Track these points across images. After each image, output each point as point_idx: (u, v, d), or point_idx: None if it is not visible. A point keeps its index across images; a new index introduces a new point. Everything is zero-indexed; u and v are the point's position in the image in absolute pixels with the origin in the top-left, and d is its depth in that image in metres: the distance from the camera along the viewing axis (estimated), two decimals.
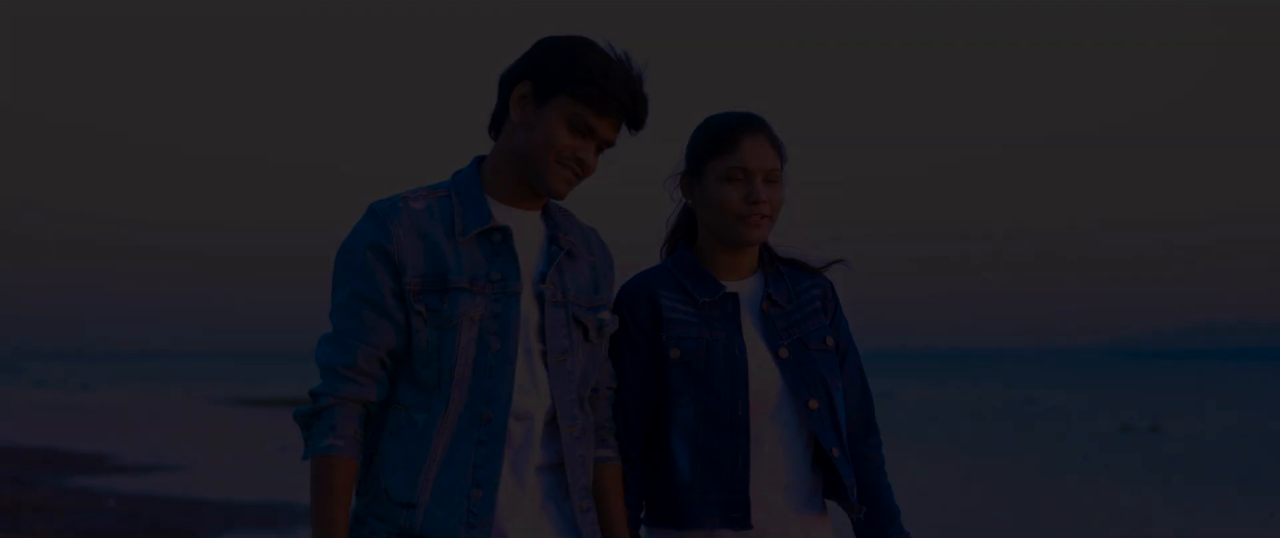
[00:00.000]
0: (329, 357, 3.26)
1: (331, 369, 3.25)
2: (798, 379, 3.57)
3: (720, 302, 3.60)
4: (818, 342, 3.64)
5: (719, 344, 3.56)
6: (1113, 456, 30.18)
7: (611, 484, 3.47)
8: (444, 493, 3.23)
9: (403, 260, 3.25)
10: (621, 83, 3.29)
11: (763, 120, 3.62)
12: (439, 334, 3.24)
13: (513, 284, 3.29)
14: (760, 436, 3.56)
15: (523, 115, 3.32)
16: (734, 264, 3.65)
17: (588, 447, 3.39)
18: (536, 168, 3.31)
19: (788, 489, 3.58)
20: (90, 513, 17.73)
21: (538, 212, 3.41)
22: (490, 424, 3.25)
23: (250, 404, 56.26)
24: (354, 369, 3.25)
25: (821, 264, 3.75)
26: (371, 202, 3.34)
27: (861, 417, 3.73)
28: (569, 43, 3.33)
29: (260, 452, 29.47)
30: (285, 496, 20.24)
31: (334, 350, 3.26)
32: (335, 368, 3.25)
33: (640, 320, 3.57)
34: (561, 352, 3.33)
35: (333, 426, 3.23)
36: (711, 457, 3.53)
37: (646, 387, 3.57)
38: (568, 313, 3.35)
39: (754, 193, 3.55)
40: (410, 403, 3.28)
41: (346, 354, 3.25)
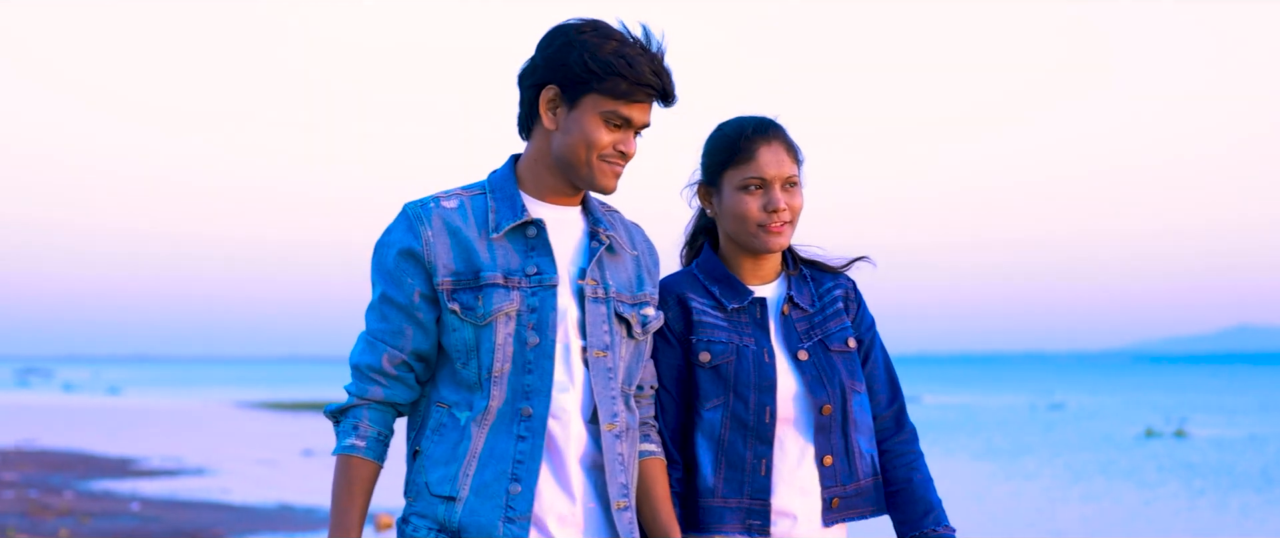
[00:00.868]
0: (359, 357, 3.28)
1: (359, 369, 3.28)
2: (816, 382, 3.54)
3: (748, 307, 3.58)
4: (839, 343, 3.60)
5: (749, 350, 3.53)
6: (1137, 460, 30.07)
7: (657, 478, 3.44)
8: (483, 488, 3.22)
9: (433, 262, 3.24)
10: (647, 66, 3.24)
11: (777, 125, 3.59)
12: (475, 332, 3.23)
13: (549, 278, 3.26)
14: (784, 443, 3.53)
15: (555, 120, 3.28)
16: (758, 269, 3.62)
17: (630, 445, 3.35)
18: (582, 171, 3.28)
19: (810, 498, 3.54)
20: (114, 517, 17.78)
21: (577, 207, 3.37)
22: (530, 420, 3.23)
23: (274, 408, 56.38)
24: (379, 372, 3.26)
25: (843, 264, 3.71)
26: (406, 203, 3.33)
27: (893, 414, 3.67)
28: (583, 34, 3.26)
29: (283, 455, 29.53)
30: (308, 499, 20.29)
31: (363, 351, 3.28)
32: (362, 369, 3.27)
33: (672, 324, 3.54)
34: (602, 348, 3.29)
35: (355, 426, 3.26)
36: (735, 463, 3.51)
37: (682, 387, 3.55)
38: (609, 309, 3.32)
39: (773, 202, 3.52)
40: (453, 402, 3.28)
41: (373, 356, 3.26)
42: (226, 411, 55.02)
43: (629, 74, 3.22)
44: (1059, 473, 26.93)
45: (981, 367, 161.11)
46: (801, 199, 3.57)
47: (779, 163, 3.53)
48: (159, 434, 37.85)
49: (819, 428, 3.54)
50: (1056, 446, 34.56)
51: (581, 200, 3.38)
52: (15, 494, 20.38)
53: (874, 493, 3.59)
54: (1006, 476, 26.26)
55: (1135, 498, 22.60)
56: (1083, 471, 27.43)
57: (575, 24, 3.28)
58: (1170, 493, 23.45)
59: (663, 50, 3.28)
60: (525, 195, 3.33)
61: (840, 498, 3.55)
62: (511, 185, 3.32)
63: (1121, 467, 28.37)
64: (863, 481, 3.57)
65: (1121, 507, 21.38)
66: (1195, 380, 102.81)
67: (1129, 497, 22.78)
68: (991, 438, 37.35)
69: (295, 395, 67.93)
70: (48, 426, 41.55)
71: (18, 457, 28.63)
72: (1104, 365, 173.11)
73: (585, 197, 3.38)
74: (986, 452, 32.20)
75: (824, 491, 3.54)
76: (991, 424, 44.01)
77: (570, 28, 3.28)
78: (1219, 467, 28.47)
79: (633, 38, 3.26)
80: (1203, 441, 36.72)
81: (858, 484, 3.57)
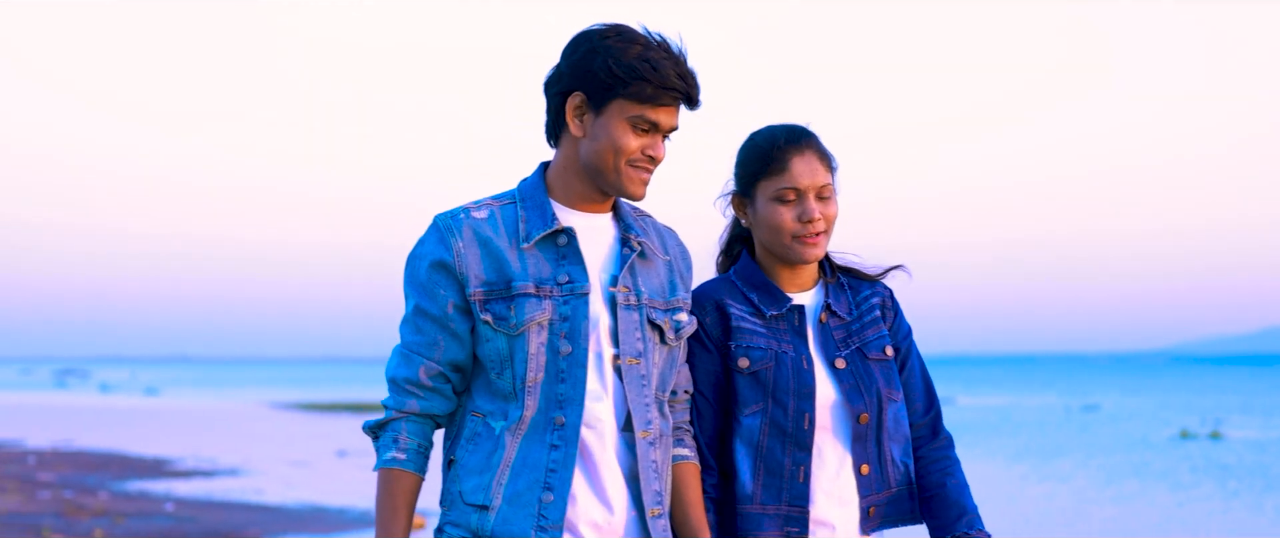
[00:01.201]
0: (396, 370, 3.29)
1: (396, 383, 3.29)
2: (853, 391, 3.54)
3: (787, 315, 3.57)
4: (877, 351, 3.60)
5: (787, 357, 3.52)
6: (1171, 461, 29.93)
7: (689, 483, 3.43)
8: (516, 497, 3.23)
9: (465, 273, 3.25)
10: (671, 69, 3.24)
11: (810, 134, 3.57)
12: (509, 342, 3.24)
13: (581, 286, 3.26)
14: (823, 451, 3.52)
15: (582, 127, 3.28)
16: (796, 277, 3.61)
17: (663, 451, 3.35)
18: (610, 177, 3.28)
19: (848, 508, 3.53)
20: (148, 517, 17.89)
21: (608, 213, 3.37)
22: (563, 429, 3.23)
23: (308, 408, 56.55)
24: (416, 384, 3.27)
25: (879, 271, 3.71)
26: (436, 214, 3.33)
27: (929, 421, 3.67)
28: (606, 40, 3.25)
29: (317, 456, 29.63)
30: (341, 500, 20.36)
31: (400, 364, 3.29)
32: (399, 382, 3.28)
33: (711, 330, 3.54)
34: (634, 355, 3.29)
35: (396, 439, 3.28)
36: (774, 469, 3.50)
37: (719, 394, 3.54)
38: (641, 315, 3.31)
39: (808, 212, 3.51)
40: (488, 411, 3.28)
41: (410, 368, 3.27)
42: (261, 411, 55.24)
43: (654, 78, 3.22)
44: (1093, 475, 26.83)
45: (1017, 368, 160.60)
46: (836, 208, 3.56)
47: (812, 173, 3.52)
48: (194, 435, 38.03)
49: (857, 437, 3.53)
50: (1090, 447, 34.43)
51: (612, 206, 3.38)
52: (51, 495, 20.53)
53: (909, 502, 3.59)
54: (1040, 477, 26.18)
55: (1169, 500, 22.51)
56: (1116, 472, 27.32)
57: (599, 30, 3.28)
58: (1204, 495, 23.34)
59: (685, 53, 3.28)
60: (555, 203, 3.32)
61: (876, 507, 3.55)
62: (541, 194, 3.32)
63: (1155, 469, 28.25)
64: (896, 490, 3.57)
65: (1155, 509, 21.30)
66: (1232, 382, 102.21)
67: (1162, 499, 22.69)
68: (1026, 440, 37.22)
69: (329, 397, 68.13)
70: (84, 426, 41.80)
71: (54, 458, 28.83)
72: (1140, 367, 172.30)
73: (616, 202, 3.38)
74: (1021, 453, 32.10)
75: (862, 500, 3.54)
76: (1026, 426, 43.86)
77: (594, 34, 3.27)
78: (1254, 469, 28.32)
79: (657, 42, 3.26)
80: (1238, 442, 36.51)
81: (890, 492, 3.57)
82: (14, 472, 24.94)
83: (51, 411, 54.24)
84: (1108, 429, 42.04)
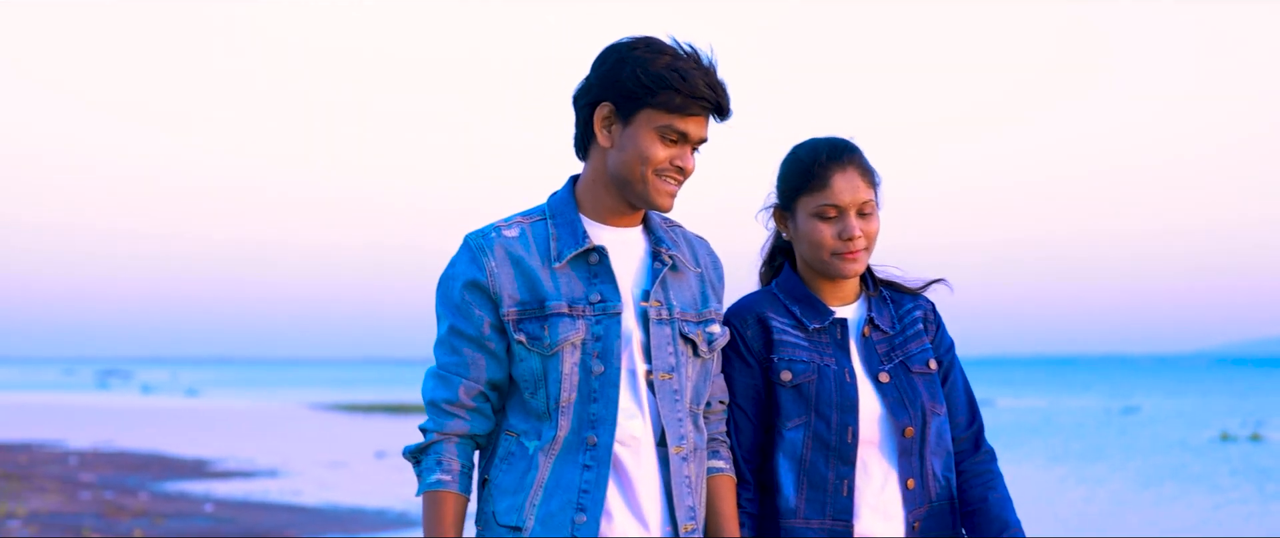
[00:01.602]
0: (433, 392, 3.28)
1: (435, 405, 3.27)
2: (897, 405, 3.52)
3: (829, 328, 3.56)
4: (920, 365, 3.58)
5: (830, 370, 3.51)
6: (1210, 464, 29.78)
7: (724, 496, 3.41)
8: (549, 518, 3.21)
9: (499, 293, 3.24)
10: (700, 79, 3.22)
11: (852, 149, 3.55)
12: (542, 362, 3.23)
13: (613, 305, 3.25)
14: (867, 466, 3.50)
15: (610, 137, 3.26)
16: (838, 290, 3.60)
17: (698, 466, 3.33)
18: (638, 188, 3.26)
19: (893, 522, 3.51)
20: (187, 518, 17.99)
21: (638, 227, 3.36)
22: (596, 449, 3.22)
23: (347, 410, 56.72)
24: (456, 404, 3.26)
25: (920, 285, 3.70)
26: (466, 233, 3.32)
27: (971, 435, 3.64)
28: (635, 50, 3.24)
29: (356, 457, 29.72)
30: (379, 501, 20.43)
31: (437, 386, 3.27)
32: (439, 404, 3.27)
33: (752, 343, 3.52)
34: (667, 371, 3.27)
35: (440, 461, 3.25)
36: (818, 483, 3.48)
37: (759, 408, 3.52)
38: (674, 330, 3.30)
39: (848, 229, 3.49)
40: (521, 430, 3.27)
41: (449, 389, 3.26)
42: (301, 412, 55.41)
43: (682, 87, 3.21)
44: (1131, 477, 26.72)
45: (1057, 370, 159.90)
46: (878, 223, 3.54)
47: (853, 189, 3.50)
48: (234, 436, 38.20)
49: (902, 451, 3.51)
50: (1129, 450, 34.27)
51: (642, 219, 3.36)
52: (92, 495, 20.66)
53: (950, 516, 3.57)
54: (1078, 480, 26.09)
55: (1207, 502, 22.39)
56: (1155, 475, 27.20)
57: (627, 41, 3.27)
58: (1242, 497, 23.21)
59: (715, 65, 3.26)
60: (585, 219, 3.31)
61: (920, 522, 3.53)
62: (571, 209, 3.31)
63: (1194, 471, 28.10)
64: (938, 503, 3.55)
65: (1193, 511, 21.20)
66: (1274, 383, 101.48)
67: (1201, 501, 22.58)
68: (1064, 442, 37.07)
69: (368, 398, 68.30)
70: (126, 427, 42.04)
71: (95, 458, 29.02)
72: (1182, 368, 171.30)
73: (646, 215, 3.37)
74: (1059, 456, 31.98)
75: (907, 514, 3.52)
76: (1065, 428, 43.68)
77: (623, 45, 3.26)
78: None
79: (685, 52, 3.25)
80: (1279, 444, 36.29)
81: (932, 506, 3.55)
82: (55, 472, 25.12)
83: (93, 411, 54.57)
84: (1147, 431, 41.83)
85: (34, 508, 18.44)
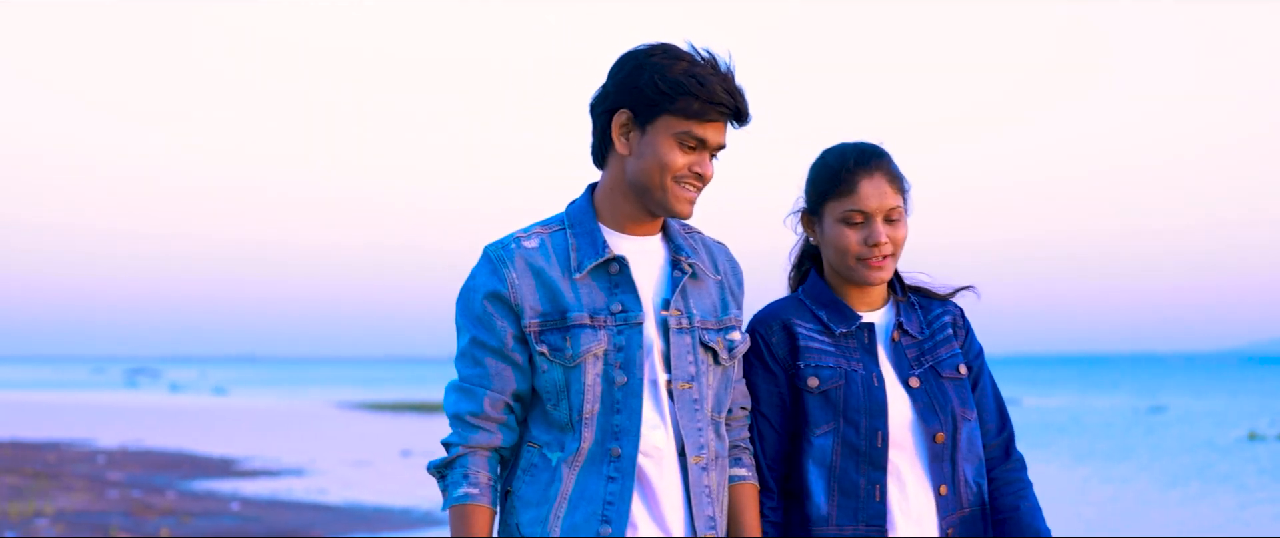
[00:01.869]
0: (457, 405, 3.26)
1: (460, 418, 3.25)
2: (928, 410, 3.51)
3: (856, 332, 3.55)
4: (950, 370, 3.57)
5: (857, 375, 3.50)
6: (1237, 464, 29.67)
7: (746, 504, 3.40)
8: (574, 529, 3.20)
9: (521, 304, 3.23)
10: (718, 85, 3.21)
11: (881, 154, 3.54)
12: (565, 373, 3.22)
13: (635, 315, 3.24)
14: (898, 472, 3.48)
15: (629, 145, 3.25)
16: (865, 295, 3.59)
17: (719, 474, 3.32)
18: (656, 195, 3.25)
19: (927, 529, 3.50)
20: (214, 517, 18.06)
21: (657, 235, 3.34)
22: (620, 460, 3.21)
23: (373, 408, 56.86)
24: (482, 416, 3.24)
25: (948, 291, 3.69)
26: (485, 244, 3.31)
27: (1002, 442, 3.63)
28: (652, 57, 3.23)
29: (381, 456, 29.80)
30: (405, 500, 20.49)
31: (461, 399, 3.26)
32: (464, 417, 3.25)
33: (776, 348, 3.52)
34: (686, 380, 3.26)
35: (466, 474, 3.23)
36: (849, 490, 3.46)
37: (784, 416, 3.51)
38: (694, 339, 3.29)
39: (874, 236, 3.48)
40: (544, 442, 3.26)
41: (474, 402, 3.24)
42: (327, 411, 55.58)
43: (701, 93, 3.19)
44: (1156, 477, 26.65)
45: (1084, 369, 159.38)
46: (906, 230, 3.53)
47: (881, 195, 3.49)
48: (261, 435, 38.32)
49: (933, 456, 3.50)
50: (1156, 449, 34.16)
51: (661, 226, 3.36)
52: (119, 494, 20.77)
53: (981, 523, 3.56)
54: (1103, 479, 26.03)
55: (1232, 502, 22.33)
56: (1181, 474, 27.12)
57: (644, 48, 3.25)
58: (1270, 497, 23.12)
59: (732, 70, 3.25)
60: (604, 228, 3.30)
61: (953, 528, 3.52)
62: (590, 219, 3.30)
63: (1220, 471, 28.00)
64: (970, 510, 3.54)
65: (1218, 511, 21.14)
66: None
67: (1226, 501, 22.51)
68: (1091, 441, 36.98)
69: (394, 396, 68.45)
70: (154, 426, 42.22)
71: (123, 457, 29.17)
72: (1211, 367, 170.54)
73: (665, 222, 3.36)
74: (1085, 455, 31.91)
75: (940, 521, 3.51)
76: (1092, 427, 43.57)
77: (640, 52, 3.25)
78: None
79: (703, 58, 3.23)
80: None
81: (964, 513, 3.53)
82: (83, 471, 25.26)
83: (122, 410, 54.80)
84: (1174, 431, 41.68)
85: (61, 507, 18.55)
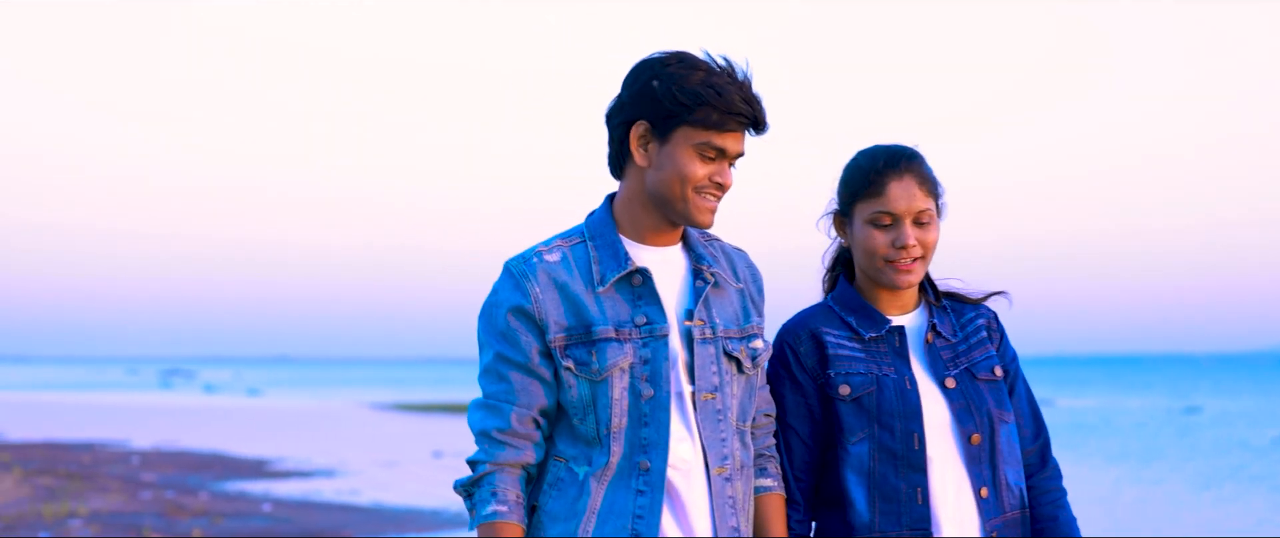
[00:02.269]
0: (483, 422, 3.22)
1: (486, 435, 3.21)
2: (964, 411, 3.48)
3: (887, 336, 3.52)
4: (985, 372, 3.55)
5: (890, 378, 3.47)
6: (1271, 465, 29.53)
7: (773, 517, 3.38)
8: None
9: (545, 319, 3.20)
10: (736, 94, 3.18)
11: (912, 157, 3.52)
12: (591, 387, 3.19)
13: (659, 327, 3.22)
14: (939, 474, 3.45)
15: (648, 156, 3.23)
16: (896, 299, 3.56)
17: (744, 484, 3.30)
18: (677, 206, 3.22)
19: (970, 530, 3.46)
20: (246, 517, 18.14)
21: (677, 244, 3.32)
22: (648, 474, 3.19)
23: (405, 409, 56.98)
24: (509, 432, 3.21)
25: (981, 296, 3.67)
26: (506, 260, 3.28)
27: (1037, 448, 3.61)
28: (668, 67, 3.20)
29: (413, 457, 29.89)
30: (436, 502, 20.54)
31: (487, 415, 3.22)
32: (490, 433, 3.21)
33: (805, 360, 3.50)
34: (710, 390, 3.24)
35: (495, 492, 3.19)
36: (890, 495, 3.43)
37: (813, 428, 3.49)
38: (717, 348, 3.27)
39: (902, 238, 3.46)
40: (570, 456, 3.23)
41: (500, 418, 3.21)
42: (359, 412, 55.72)
43: (719, 103, 3.17)
44: (1188, 478, 26.55)
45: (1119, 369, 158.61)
46: (937, 234, 3.51)
47: (909, 197, 3.48)
48: (293, 436, 38.46)
49: (971, 458, 3.47)
50: (1189, 450, 34.03)
51: (681, 236, 3.34)
52: (153, 495, 20.88)
53: (1022, 527, 3.53)
54: (1134, 480, 25.95)
55: (1264, 504, 22.23)
56: (1213, 476, 27.01)
57: (660, 57, 3.23)
58: None
59: (750, 78, 3.23)
60: (625, 239, 3.28)
61: (997, 532, 3.48)
62: (610, 230, 3.28)
63: (1253, 472, 27.88)
64: (1010, 514, 3.51)
65: (1250, 513, 21.06)
66: None
67: (1258, 503, 22.42)
68: (1123, 442, 36.85)
69: (426, 397, 68.58)
70: (188, 427, 42.42)
71: (158, 458, 29.33)
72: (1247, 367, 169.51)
73: (685, 231, 3.34)
74: (1117, 456, 31.80)
75: (984, 523, 3.47)
76: (1125, 428, 43.41)
77: (655, 62, 3.23)
78: None
79: (721, 67, 3.21)
80: None
81: (1006, 517, 3.50)
82: (118, 472, 25.41)
83: (156, 411, 55.08)
84: (1208, 432, 41.49)
85: (95, 508, 18.67)
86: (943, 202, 3.56)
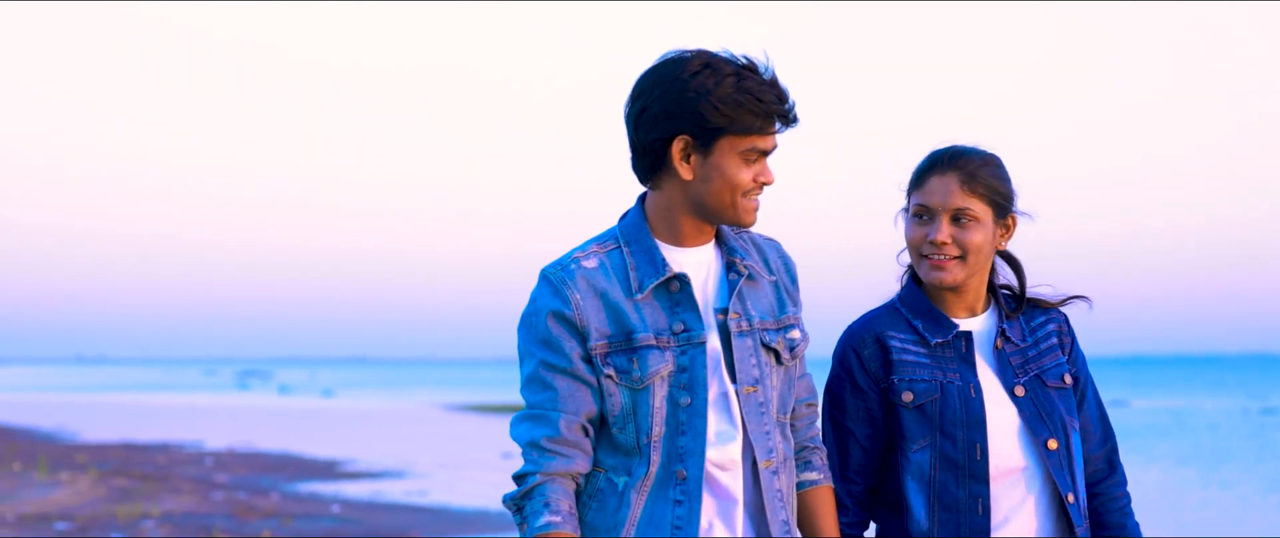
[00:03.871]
0: (531, 433, 3.16)
1: (535, 445, 3.15)
2: (1036, 418, 3.43)
3: (953, 341, 3.48)
4: (1055, 379, 3.50)
5: (954, 386, 3.43)
6: None
7: (820, 510, 3.36)
8: None
9: (586, 326, 3.16)
10: (770, 95, 3.16)
11: (964, 156, 3.48)
12: (632, 396, 3.16)
13: (698, 334, 3.19)
14: (1001, 481, 3.42)
15: (692, 169, 3.19)
16: (963, 301, 3.51)
17: (788, 476, 3.27)
18: (728, 214, 3.21)
19: None
20: (315, 518, 18.31)
21: (711, 243, 3.29)
22: (685, 483, 3.15)
23: (478, 410, 57.14)
24: (558, 440, 3.15)
25: (1058, 300, 3.61)
26: (543, 267, 3.24)
27: (1105, 454, 3.58)
28: (698, 76, 3.15)
29: (483, 458, 30.01)
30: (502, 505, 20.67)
31: (534, 425, 3.17)
32: (539, 443, 3.15)
33: (869, 364, 3.48)
34: (751, 383, 3.21)
35: (547, 503, 3.13)
36: (949, 505, 3.41)
37: (872, 432, 3.48)
38: (755, 341, 3.24)
39: (934, 232, 3.44)
40: (610, 466, 3.20)
41: (548, 427, 3.15)
42: (432, 413, 55.94)
43: (758, 109, 3.16)
44: (1258, 481, 26.30)
45: (1198, 369, 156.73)
46: (981, 235, 3.46)
47: (947, 193, 3.45)
48: (366, 437, 38.68)
49: (1041, 468, 3.44)
50: (1261, 452, 33.67)
51: (715, 233, 3.32)
52: (225, 496, 21.08)
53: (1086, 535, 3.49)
54: (1203, 483, 25.74)
55: None
56: None
57: (686, 62, 3.18)
58: None
59: (775, 72, 3.21)
60: (661, 244, 3.25)
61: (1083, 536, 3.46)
62: (645, 235, 3.24)
63: None
64: (1079, 522, 3.47)
65: None
66: None
67: None
68: (1196, 444, 36.49)
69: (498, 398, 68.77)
70: (262, 428, 42.79)
71: (231, 459, 29.59)
72: None
73: (718, 228, 3.32)
74: (1188, 458, 31.51)
75: (1078, 528, 3.45)
76: (1198, 430, 42.99)
77: (683, 71, 3.17)
78: None
79: (747, 67, 3.19)
80: None
81: (1073, 525, 3.46)
82: (191, 473, 25.69)
83: (231, 412, 55.58)
84: None
85: (168, 509, 18.91)
86: (1013, 209, 3.52)
